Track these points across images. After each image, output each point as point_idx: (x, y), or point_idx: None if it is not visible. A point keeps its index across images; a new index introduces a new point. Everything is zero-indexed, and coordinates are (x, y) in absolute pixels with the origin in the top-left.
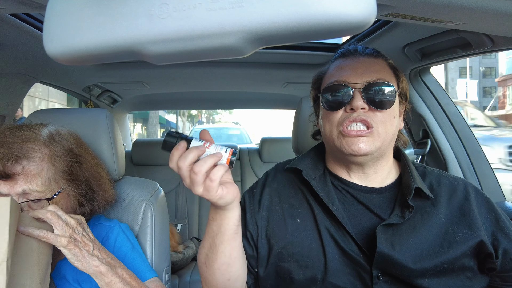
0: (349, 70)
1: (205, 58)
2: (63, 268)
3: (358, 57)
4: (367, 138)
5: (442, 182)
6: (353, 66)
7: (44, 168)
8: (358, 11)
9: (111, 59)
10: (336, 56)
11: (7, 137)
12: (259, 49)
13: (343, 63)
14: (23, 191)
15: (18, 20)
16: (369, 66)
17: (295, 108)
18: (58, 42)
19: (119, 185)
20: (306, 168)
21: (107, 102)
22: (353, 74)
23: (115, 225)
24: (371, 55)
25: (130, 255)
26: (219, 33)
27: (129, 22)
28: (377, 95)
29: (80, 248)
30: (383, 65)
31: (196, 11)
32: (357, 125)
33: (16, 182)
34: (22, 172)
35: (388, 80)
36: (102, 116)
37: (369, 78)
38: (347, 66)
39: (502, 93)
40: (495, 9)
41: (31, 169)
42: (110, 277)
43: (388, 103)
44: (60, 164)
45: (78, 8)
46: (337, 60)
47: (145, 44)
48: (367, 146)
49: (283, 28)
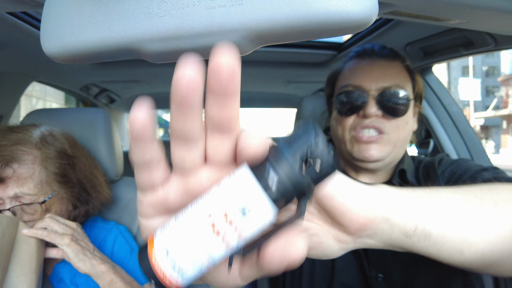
0: (364, 73)
1: (205, 57)
2: (61, 271)
3: (374, 59)
4: (377, 144)
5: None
6: (369, 69)
7: (35, 171)
8: (359, 9)
9: (109, 57)
10: (352, 55)
11: None
12: (259, 47)
13: (358, 65)
14: (15, 195)
15: (15, 18)
16: (384, 70)
17: (296, 107)
18: (55, 41)
19: (117, 186)
20: None
21: (105, 101)
22: (367, 78)
23: (113, 228)
24: (388, 57)
25: (129, 258)
26: (219, 31)
27: (127, 20)
28: (391, 103)
29: (82, 247)
30: (400, 69)
31: (195, 9)
32: (369, 131)
33: (7, 185)
34: (13, 176)
35: (404, 85)
36: (100, 116)
37: (384, 83)
38: (362, 69)
39: (505, 92)
40: (498, 8)
41: (22, 172)
42: (111, 276)
43: (402, 111)
44: (53, 166)
45: (75, 6)
46: (353, 59)
47: (144, 43)
48: (378, 152)
49: (284, 26)
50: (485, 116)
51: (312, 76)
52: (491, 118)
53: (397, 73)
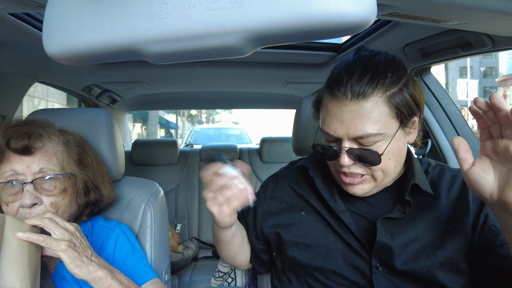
0: (335, 120)
1: (205, 58)
2: (63, 269)
3: (345, 103)
4: (361, 184)
5: (443, 175)
6: (340, 116)
7: (59, 150)
8: (358, 10)
9: (111, 58)
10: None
11: (26, 124)
12: (259, 48)
13: (331, 108)
14: (40, 170)
15: (18, 19)
16: (356, 116)
17: (295, 108)
18: (57, 42)
19: (119, 185)
20: (313, 167)
21: (106, 102)
22: (339, 126)
23: (115, 226)
24: (361, 97)
25: (131, 256)
26: (219, 33)
27: (129, 21)
28: (363, 153)
29: (79, 253)
30: (375, 105)
31: (196, 10)
32: (351, 174)
33: (34, 160)
34: (42, 149)
35: (380, 127)
36: (102, 116)
37: (356, 132)
38: (334, 115)
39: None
40: (496, 9)
41: (49, 148)
42: (109, 281)
43: (376, 160)
44: (72, 150)
45: (77, 7)
46: (327, 95)
47: (145, 44)
48: (363, 190)
49: (283, 27)
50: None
51: (311, 77)
52: None
53: (370, 113)
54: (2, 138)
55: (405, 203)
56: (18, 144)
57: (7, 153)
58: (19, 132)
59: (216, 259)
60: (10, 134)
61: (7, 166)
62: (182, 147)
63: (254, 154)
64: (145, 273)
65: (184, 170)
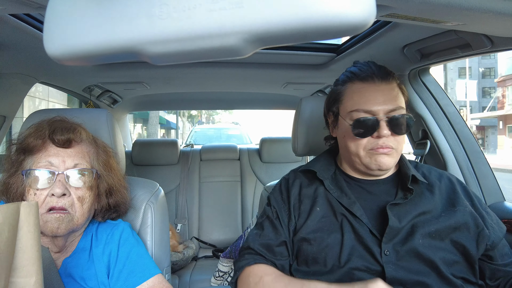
0: (371, 98)
1: (205, 59)
2: (69, 266)
3: (376, 83)
4: (389, 156)
5: (431, 173)
6: (374, 94)
7: (91, 150)
8: (357, 11)
9: (112, 59)
10: (353, 78)
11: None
12: (259, 49)
13: (363, 89)
14: (75, 165)
15: (18, 20)
16: (387, 94)
17: (295, 108)
18: (58, 43)
19: None
20: (320, 170)
21: (107, 102)
22: (375, 103)
23: (120, 222)
24: (387, 79)
25: (135, 250)
26: (219, 34)
27: (129, 22)
28: (399, 124)
29: None
30: (397, 89)
31: (196, 11)
32: (383, 149)
33: (70, 155)
34: (79, 144)
35: (402, 104)
36: (103, 116)
37: (390, 106)
38: (368, 94)
39: (501, 93)
40: (494, 10)
41: (84, 147)
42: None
43: (407, 129)
44: (100, 153)
45: (78, 8)
46: (356, 83)
47: (145, 45)
48: (390, 163)
49: (283, 28)
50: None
51: (310, 77)
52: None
53: (396, 94)
54: (48, 129)
55: (405, 190)
56: (62, 136)
57: (48, 144)
58: (63, 126)
59: (216, 258)
60: (55, 125)
61: (43, 157)
62: (182, 147)
63: (253, 154)
64: (149, 268)
65: (184, 170)
